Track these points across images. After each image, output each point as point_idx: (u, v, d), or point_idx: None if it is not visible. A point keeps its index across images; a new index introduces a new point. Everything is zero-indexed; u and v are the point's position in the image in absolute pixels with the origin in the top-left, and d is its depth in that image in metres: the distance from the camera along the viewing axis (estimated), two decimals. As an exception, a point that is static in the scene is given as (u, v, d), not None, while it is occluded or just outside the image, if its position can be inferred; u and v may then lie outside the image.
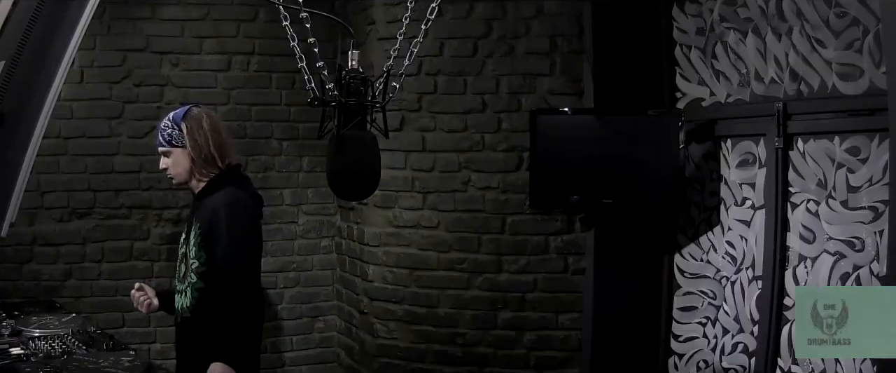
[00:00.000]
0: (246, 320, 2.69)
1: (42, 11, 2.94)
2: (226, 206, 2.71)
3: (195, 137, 2.78)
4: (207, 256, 2.72)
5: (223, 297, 2.68)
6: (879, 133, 2.96)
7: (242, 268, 2.70)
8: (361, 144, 2.39)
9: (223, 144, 2.83)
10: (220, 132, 2.84)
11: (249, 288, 2.71)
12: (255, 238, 2.81)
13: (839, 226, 3.13)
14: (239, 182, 2.85)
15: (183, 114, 2.82)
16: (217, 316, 2.68)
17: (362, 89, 2.37)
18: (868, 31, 2.99)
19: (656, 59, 4.00)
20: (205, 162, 2.79)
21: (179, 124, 2.80)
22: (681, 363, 3.93)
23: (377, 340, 4.37)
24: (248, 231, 2.76)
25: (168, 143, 2.82)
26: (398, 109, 4.18)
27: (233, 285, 2.67)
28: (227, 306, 2.66)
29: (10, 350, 2.90)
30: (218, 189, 2.78)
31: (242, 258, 2.70)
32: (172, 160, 2.83)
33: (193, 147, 2.78)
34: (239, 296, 2.67)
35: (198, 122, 2.80)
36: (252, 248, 2.77)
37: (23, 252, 4.34)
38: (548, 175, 3.86)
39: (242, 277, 2.69)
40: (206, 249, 2.72)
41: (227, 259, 2.69)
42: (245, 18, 4.60)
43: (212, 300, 2.72)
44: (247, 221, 2.76)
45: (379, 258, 4.36)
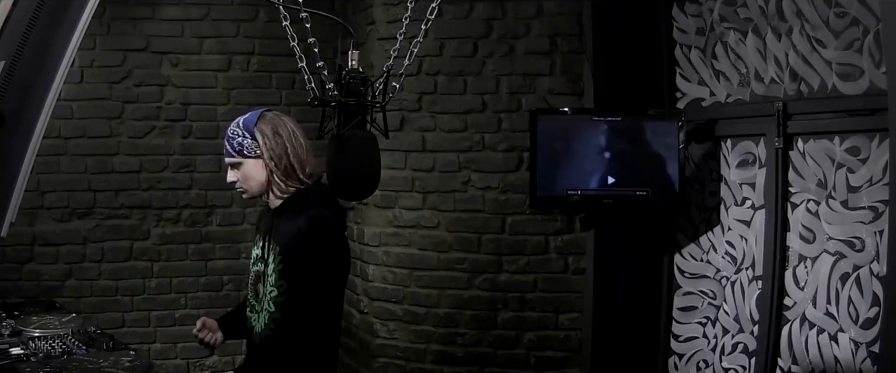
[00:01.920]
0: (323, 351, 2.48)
1: (42, 11, 2.94)
2: (314, 230, 2.38)
3: (272, 147, 2.44)
4: (289, 286, 2.40)
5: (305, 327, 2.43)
6: (879, 133, 2.96)
7: (326, 296, 2.45)
8: (361, 143, 2.38)
9: (304, 153, 2.48)
10: (300, 139, 2.49)
11: (330, 315, 2.48)
12: (344, 263, 2.52)
13: (839, 226, 3.13)
14: (323, 197, 2.48)
15: (256, 119, 2.47)
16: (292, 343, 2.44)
17: (362, 89, 2.37)
18: (868, 31, 2.99)
19: (656, 59, 4.00)
20: (284, 174, 2.45)
21: (252, 131, 2.45)
22: (681, 363, 3.93)
23: (377, 340, 4.37)
24: (336, 260, 2.46)
25: (238, 153, 2.46)
26: (398, 108, 4.18)
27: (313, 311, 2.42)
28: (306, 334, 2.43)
29: (10, 350, 2.90)
30: (301, 207, 2.44)
31: (327, 286, 2.44)
32: (244, 173, 2.48)
33: (271, 158, 2.44)
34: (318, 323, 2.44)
35: (274, 128, 2.46)
36: (339, 274, 2.49)
37: (23, 252, 4.34)
38: (548, 175, 3.86)
39: (325, 304, 2.45)
40: (288, 279, 2.40)
41: (311, 286, 2.41)
42: (245, 18, 4.60)
43: (288, 330, 2.43)
44: (334, 244, 2.44)
45: (379, 258, 4.36)
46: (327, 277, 2.43)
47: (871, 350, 2.95)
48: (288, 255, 2.39)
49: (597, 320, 4.02)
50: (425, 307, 4.26)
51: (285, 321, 2.41)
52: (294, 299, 2.40)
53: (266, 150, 2.44)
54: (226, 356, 4.62)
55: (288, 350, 2.44)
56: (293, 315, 2.41)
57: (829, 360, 3.14)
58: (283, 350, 2.44)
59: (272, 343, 2.45)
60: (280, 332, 2.43)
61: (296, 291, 2.40)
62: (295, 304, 2.40)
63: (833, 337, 3.13)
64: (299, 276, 2.39)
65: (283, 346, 2.44)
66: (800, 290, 3.30)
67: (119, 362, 2.80)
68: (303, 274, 2.39)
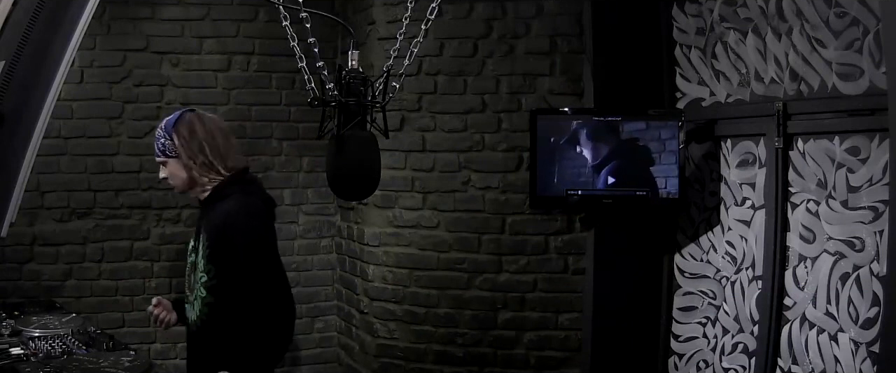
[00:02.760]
0: (262, 333, 2.57)
1: (42, 11, 2.94)
2: (234, 215, 2.57)
3: (189, 146, 2.64)
4: (217, 270, 2.58)
5: (238, 310, 2.55)
6: (879, 133, 2.96)
7: (255, 279, 2.57)
8: (361, 144, 2.38)
9: (222, 149, 2.67)
10: (217, 136, 2.68)
11: (266, 299, 2.59)
12: (269, 246, 2.65)
13: (839, 226, 3.13)
14: (246, 186, 2.69)
15: (174, 121, 2.67)
16: (230, 330, 2.56)
17: (362, 89, 2.37)
18: (868, 31, 2.99)
19: (656, 59, 4.00)
20: (204, 169, 2.65)
21: (170, 133, 2.66)
22: (681, 363, 3.93)
23: (377, 340, 4.37)
24: (261, 240, 2.61)
25: (162, 153, 2.69)
26: (398, 109, 4.18)
27: (246, 295, 2.55)
28: (242, 320, 2.54)
29: (10, 350, 2.90)
30: (224, 196, 2.64)
31: (256, 271, 2.57)
32: (169, 170, 2.70)
33: (188, 156, 2.64)
34: (252, 306, 2.55)
35: (190, 128, 2.65)
36: (265, 258, 2.62)
37: (23, 252, 4.34)
38: (548, 175, 3.86)
39: (256, 287, 2.57)
40: (216, 262, 2.57)
41: (240, 271, 2.55)
42: (245, 18, 4.60)
43: (222, 314, 2.59)
44: (258, 229, 2.61)
45: (379, 258, 4.36)
46: (254, 257, 2.57)
47: (871, 350, 2.95)
48: (214, 241, 2.57)
49: (597, 320, 4.02)
50: (425, 307, 4.26)
51: (218, 305, 2.58)
52: (224, 283, 2.57)
53: (182, 150, 2.64)
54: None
55: (224, 333, 2.57)
56: (225, 298, 2.57)
57: (829, 360, 3.14)
58: (219, 333, 2.59)
59: (208, 327, 2.61)
60: (214, 315, 2.59)
61: (224, 275, 2.56)
62: (225, 287, 2.57)
63: (833, 337, 3.13)
64: (226, 259, 2.56)
65: (219, 329, 2.59)
66: (800, 290, 3.30)
67: (119, 362, 2.80)
68: (229, 257, 2.55)
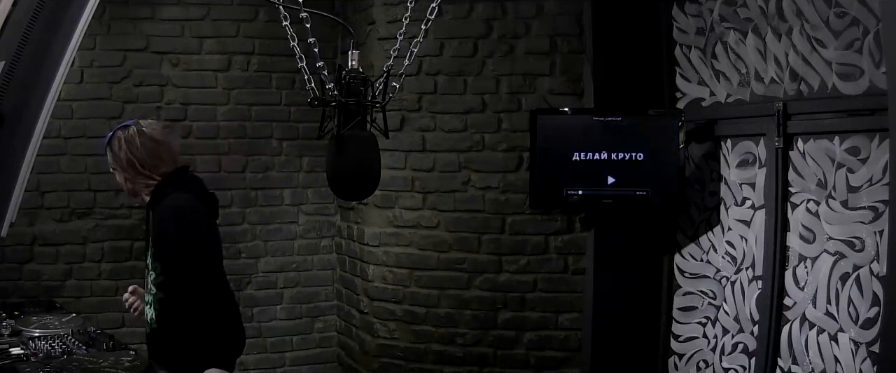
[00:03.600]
0: (210, 325, 2.64)
1: (42, 11, 2.94)
2: (169, 212, 2.69)
3: (118, 158, 2.81)
4: (163, 267, 2.70)
5: (183, 305, 2.65)
6: (879, 133, 2.96)
7: (194, 273, 2.65)
8: (361, 143, 2.38)
9: (151, 158, 2.80)
10: (145, 147, 2.80)
11: (206, 292, 2.66)
12: (204, 240, 2.73)
13: (839, 226, 3.13)
14: (183, 185, 2.80)
15: (108, 139, 2.85)
16: (181, 326, 2.66)
17: (362, 89, 2.37)
18: (868, 31, 2.99)
19: (656, 59, 4.00)
20: (139, 177, 2.81)
21: (106, 149, 2.86)
22: (681, 363, 3.93)
23: (377, 340, 4.37)
24: (195, 235, 2.70)
25: (110, 165, 2.89)
26: (398, 109, 4.18)
27: (189, 291, 2.64)
28: (188, 315, 2.63)
29: (10, 350, 2.90)
30: (163, 196, 2.76)
31: (193, 263, 2.65)
32: (118, 180, 2.89)
33: (122, 167, 2.82)
34: (197, 302, 2.63)
35: (118, 143, 2.81)
36: (201, 251, 2.70)
37: (23, 252, 4.34)
38: (548, 175, 3.86)
39: (197, 282, 2.64)
40: (160, 260, 2.70)
41: (178, 267, 2.66)
42: (245, 18, 4.60)
43: (173, 310, 2.70)
44: (192, 224, 2.71)
45: (379, 258, 4.36)
46: (187, 254, 2.67)
47: (871, 350, 2.95)
48: (156, 238, 2.74)
49: (597, 320, 4.02)
50: (425, 307, 4.26)
51: (167, 301, 2.71)
52: (170, 279, 2.69)
53: (114, 162, 2.84)
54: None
55: (177, 327, 2.69)
56: (173, 294, 2.70)
57: (829, 360, 3.14)
58: (173, 328, 2.71)
59: (162, 325, 2.73)
60: (165, 311, 2.72)
61: (169, 271, 2.69)
62: (172, 283, 2.69)
63: (833, 337, 3.13)
64: (168, 255, 2.68)
65: (171, 324, 2.71)
66: (800, 290, 3.30)
67: (119, 362, 2.80)
68: (170, 252, 2.68)
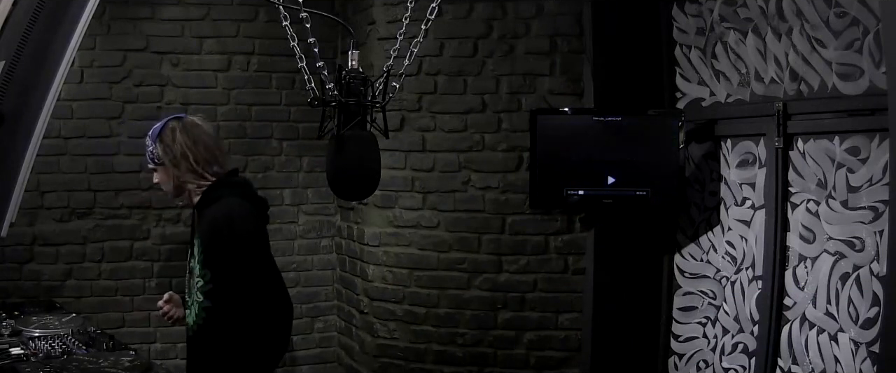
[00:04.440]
0: (259, 335, 2.60)
1: (42, 11, 2.94)
2: (221, 219, 2.60)
3: (173, 153, 2.69)
4: (212, 274, 2.59)
5: (235, 314, 2.57)
6: (879, 133, 2.96)
7: (250, 283, 2.59)
8: (361, 143, 2.39)
9: (206, 155, 2.70)
10: (201, 142, 2.71)
11: (261, 301, 2.61)
12: (259, 248, 2.68)
13: (839, 226, 3.13)
14: (236, 189, 2.73)
15: (159, 130, 2.73)
16: (228, 334, 2.58)
17: (362, 89, 2.37)
18: (868, 31, 2.99)
19: (656, 59, 4.00)
20: (191, 175, 2.69)
21: (155, 141, 2.72)
22: (681, 363, 3.93)
23: (377, 340, 4.37)
24: (249, 243, 2.63)
25: (152, 160, 2.76)
26: (398, 109, 4.18)
27: (239, 300, 2.57)
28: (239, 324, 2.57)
29: (10, 350, 2.90)
30: (214, 200, 2.66)
31: (248, 273, 2.59)
32: (160, 177, 2.76)
33: (174, 163, 2.69)
34: (247, 311, 2.57)
35: (173, 136, 2.70)
36: (256, 260, 2.64)
37: (23, 252, 4.34)
38: (548, 175, 3.86)
39: (248, 292, 2.58)
40: (210, 267, 2.59)
41: (231, 276, 2.57)
42: (245, 18, 4.60)
43: (220, 318, 2.60)
44: (249, 233, 2.63)
45: (379, 258, 4.36)
46: (246, 260, 2.60)
47: (871, 350, 2.95)
48: (206, 245, 2.59)
49: (597, 320, 4.02)
50: (425, 307, 4.26)
51: (214, 309, 2.59)
52: (219, 286, 2.58)
53: (167, 158, 2.70)
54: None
55: (221, 336, 2.59)
56: (221, 302, 2.58)
57: (829, 360, 3.14)
58: (217, 337, 2.60)
59: (205, 332, 2.62)
60: (211, 319, 2.60)
61: (219, 278, 2.58)
62: (220, 291, 2.58)
63: (833, 337, 3.13)
64: (219, 263, 2.57)
65: (216, 333, 2.60)
66: (800, 290, 3.30)
67: (119, 362, 2.80)
68: (222, 260, 2.57)
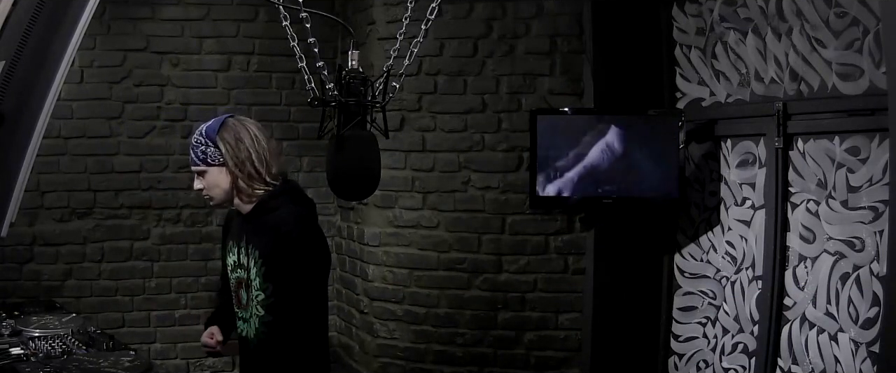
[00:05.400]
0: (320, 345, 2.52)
1: (42, 11, 2.94)
2: (289, 230, 2.41)
3: (236, 153, 2.43)
4: (275, 287, 2.42)
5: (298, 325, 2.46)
6: (879, 133, 2.96)
7: (313, 297, 2.48)
8: (361, 143, 2.38)
9: (269, 156, 2.47)
10: (263, 142, 2.48)
11: (322, 310, 2.53)
12: (325, 262, 2.54)
13: (839, 226, 3.13)
14: (294, 195, 2.52)
15: (218, 127, 2.46)
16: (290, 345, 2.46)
17: (362, 89, 2.37)
18: (868, 31, 2.99)
19: (656, 59, 4.00)
20: (249, 179, 2.45)
21: (214, 139, 2.44)
22: (681, 363, 3.93)
23: (377, 340, 4.37)
24: (320, 254, 2.48)
25: (202, 161, 2.46)
26: (398, 108, 4.18)
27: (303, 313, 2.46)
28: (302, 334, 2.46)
29: (10, 350, 2.90)
30: (272, 208, 2.46)
31: (316, 284, 2.48)
32: (209, 180, 2.48)
33: (235, 165, 2.43)
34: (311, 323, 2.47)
35: (236, 135, 2.45)
36: (323, 270, 2.51)
37: (23, 252, 4.34)
38: (548, 175, 3.86)
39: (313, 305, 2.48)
40: (273, 280, 2.42)
41: (297, 289, 2.43)
42: (245, 18, 4.60)
43: (281, 332, 2.46)
44: (313, 239, 2.47)
45: (379, 258, 4.36)
46: (311, 272, 2.45)
47: (871, 350, 2.95)
48: (268, 257, 2.41)
49: (597, 320, 4.02)
50: (425, 307, 4.26)
51: (277, 323, 2.44)
52: (282, 300, 2.42)
53: (229, 157, 2.43)
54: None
55: (284, 351, 2.46)
56: (283, 316, 2.44)
57: (829, 360, 3.14)
58: (279, 351, 2.47)
59: (268, 346, 2.47)
60: (273, 334, 2.46)
61: (282, 291, 2.42)
62: (283, 304, 2.43)
63: (833, 337, 3.13)
64: (283, 276, 2.41)
65: (279, 347, 2.47)
66: (800, 290, 3.30)
67: (119, 362, 2.80)
68: (286, 273, 2.41)
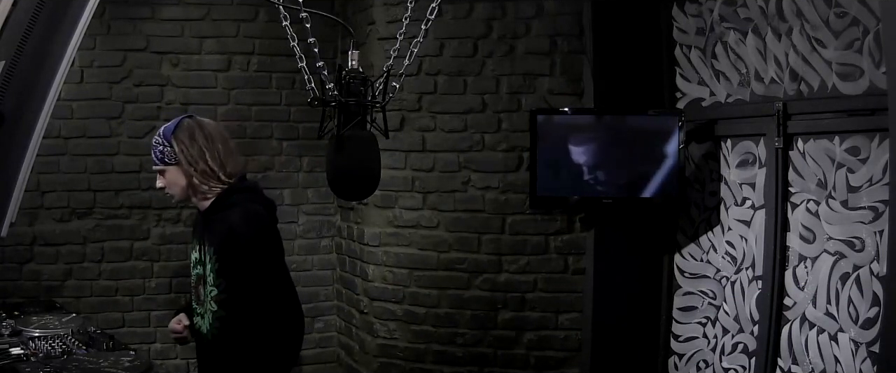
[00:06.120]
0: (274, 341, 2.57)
1: (42, 11, 2.94)
2: (239, 226, 2.52)
3: (189, 153, 2.58)
4: (227, 283, 2.54)
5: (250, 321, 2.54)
6: (879, 133, 2.96)
7: (267, 290, 2.55)
8: (361, 143, 2.38)
9: (223, 155, 2.61)
10: (217, 142, 2.62)
11: (277, 307, 2.59)
12: (276, 254, 2.63)
13: (839, 226, 3.13)
14: (249, 194, 2.65)
15: (173, 127, 2.62)
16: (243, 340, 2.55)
17: (362, 89, 2.37)
18: (868, 31, 2.99)
19: (656, 59, 4.00)
20: (204, 177, 2.59)
21: (169, 140, 2.60)
22: (681, 363, 3.93)
23: (377, 340, 4.37)
24: (268, 249, 2.58)
25: (161, 161, 2.63)
26: (398, 109, 4.18)
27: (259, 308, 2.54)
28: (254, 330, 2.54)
29: (10, 350, 2.90)
30: (228, 205, 2.58)
31: (266, 281, 2.55)
32: (168, 179, 2.64)
33: (189, 162, 2.58)
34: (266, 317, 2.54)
35: (190, 134, 2.59)
36: (273, 266, 2.60)
37: (23, 252, 4.34)
38: (548, 175, 3.86)
39: (269, 299, 2.55)
40: (225, 276, 2.54)
41: (250, 285, 2.53)
42: (245, 18, 4.60)
43: (234, 327, 2.56)
44: (268, 240, 2.58)
45: (379, 258, 4.36)
46: (261, 270, 2.54)
47: (871, 350, 2.96)
48: (221, 254, 2.52)
49: (597, 320, 4.02)
50: (425, 307, 4.26)
51: (230, 318, 2.55)
52: (235, 295, 2.53)
53: (183, 156, 2.58)
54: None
55: (238, 345, 2.56)
56: (237, 311, 2.54)
57: (829, 360, 3.14)
58: (232, 346, 2.56)
59: (221, 341, 2.58)
60: (226, 329, 2.56)
61: (235, 287, 2.53)
62: (236, 300, 2.53)
63: (833, 337, 3.13)
64: (236, 271, 2.52)
65: (232, 342, 2.56)
66: (800, 290, 3.30)
67: (119, 362, 2.80)
68: (239, 269, 2.51)
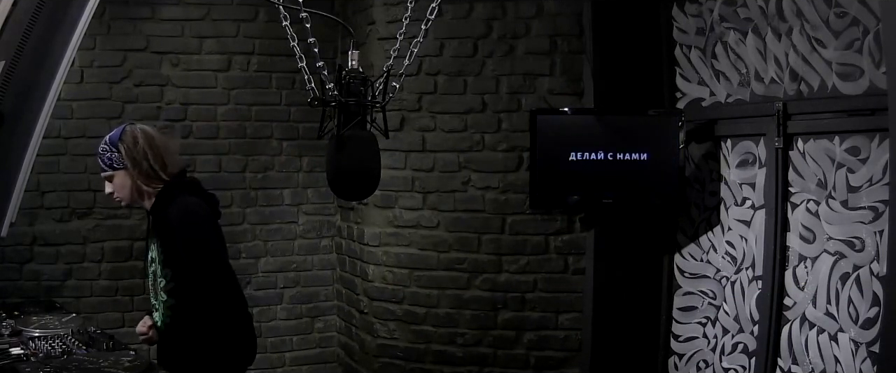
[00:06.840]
0: (222, 329, 2.70)
1: (42, 11, 2.95)
2: (178, 216, 2.70)
3: (133, 156, 2.76)
4: (173, 273, 2.72)
5: (198, 309, 2.69)
6: (879, 133, 2.96)
7: (209, 277, 2.69)
8: (361, 143, 2.39)
9: (163, 156, 2.80)
10: (157, 145, 2.82)
11: (220, 295, 2.71)
12: (215, 241, 2.78)
13: (839, 226, 3.13)
14: (187, 188, 2.83)
15: (118, 135, 2.81)
16: (194, 330, 2.70)
17: (362, 89, 2.38)
18: (868, 31, 2.99)
19: (656, 59, 4.00)
20: (147, 178, 2.78)
21: (117, 145, 2.78)
22: (681, 363, 3.93)
23: (377, 340, 4.37)
24: (206, 237, 2.74)
25: (109, 166, 2.81)
26: (398, 108, 4.18)
27: (203, 295, 2.67)
28: (201, 319, 2.68)
29: (10, 350, 2.90)
30: (168, 201, 2.76)
31: (207, 268, 2.69)
32: (117, 183, 2.82)
33: (133, 165, 2.76)
34: (211, 305, 2.68)
35: (133, 139, 2.78)
36: (215, 254, 2.74)
37: (23, 252, 4.34)
38: (548, 175, 3.85)
39: (211, 286, 2.69)
40: (171, 266, 2.72)
41: (192, 272, 2.68)
42: (245, 18, 4.60)
43: (184, 315, 2.73)
44: (202, 226, 2.74)
45: (379, 258, 4.36)
46: (204, 256, 2.70)
47: (871, 350, 2.95)
48: (165, 244, 2.74)
49: (597, 320, 4.02)
50: (425, 307, 4.26)
51: (180, 306, 2.73)
52: (181, 284, 2.71)
53: (127, 159, 2.77)
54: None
55: (189, 333, 2.72)
56: (185, 298, 2.72)
57: (829, 360, 3.14)
58: (184, 334, 2.74)
59: (173, 330, 2.76)
60: (177, 317, 2.75)
61: (181, 275, 2.71)
62: (183, 287, 2.71)
63: (833, 337, 3.13)
64: (180, 259, 2.69)
65: (183, 330, 2.74)
66: (800, 290, 3.30)
67: (119, 362, 2.80)
68: (182, 257, 2.68)
